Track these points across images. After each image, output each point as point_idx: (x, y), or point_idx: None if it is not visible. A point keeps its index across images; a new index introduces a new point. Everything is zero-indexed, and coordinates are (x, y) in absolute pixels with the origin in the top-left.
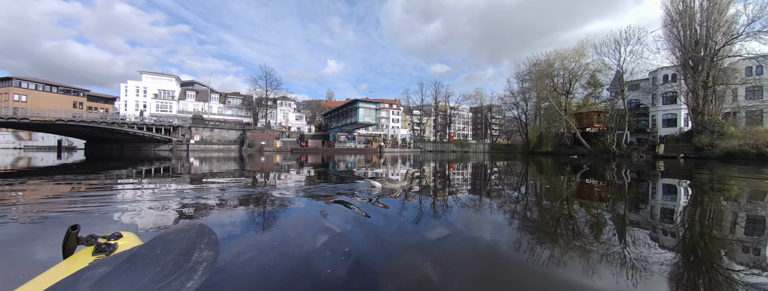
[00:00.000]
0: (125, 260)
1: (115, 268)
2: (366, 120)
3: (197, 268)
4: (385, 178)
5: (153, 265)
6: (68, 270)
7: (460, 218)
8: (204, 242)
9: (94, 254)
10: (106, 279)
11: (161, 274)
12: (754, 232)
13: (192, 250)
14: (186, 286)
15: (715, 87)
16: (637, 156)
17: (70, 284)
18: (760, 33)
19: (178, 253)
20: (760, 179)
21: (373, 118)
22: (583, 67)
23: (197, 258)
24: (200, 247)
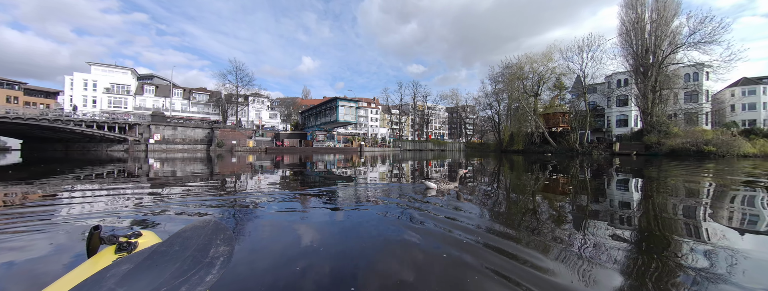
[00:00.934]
0: (146, 257)
1: (138, 265)
2: (346, 119)
3: (215, 262)
4: (439, 179)
5: (173, 261)
6: (93, 268)
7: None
8: (220, 238)
9: (117, 253)
10: (130, 275)
11: (181, 270)
12: (692, 217)
13: (209, 246)
14: (205, 280)
15: (661, 91)
16: (597, 153)
17: (96, 281)
18: (699, 43)
19: (196, 249)
20: (698, 174)
21: (353, 116)
22: (551, 71)
23: (214, 253)
24: (216, 243)
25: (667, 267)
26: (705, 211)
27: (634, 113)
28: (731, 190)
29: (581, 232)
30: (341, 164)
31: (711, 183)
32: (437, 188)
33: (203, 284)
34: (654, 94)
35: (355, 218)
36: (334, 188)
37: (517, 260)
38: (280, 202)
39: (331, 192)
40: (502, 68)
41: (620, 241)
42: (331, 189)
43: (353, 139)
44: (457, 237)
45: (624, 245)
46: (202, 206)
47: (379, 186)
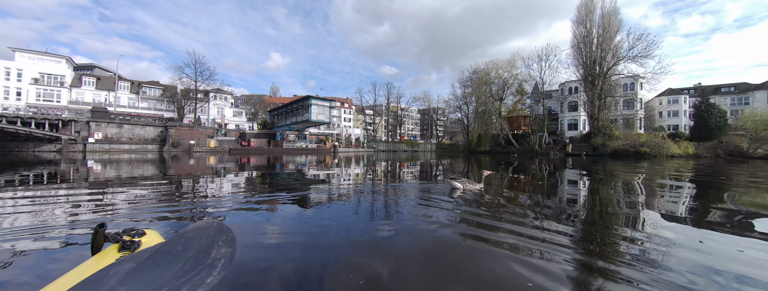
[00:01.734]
0: (149, 257)
1: (140, 264)
2: (319, 118)
3: (216, 264)
4: (465, 179)
5: (175, 261)
6: (97, 265)
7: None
8: (222, 240)
9: (120, 251)
10: (132, 274)
11: (182, 270)
12: (632, 208)
13: (211, 247)
14: (206, 281)
15: (606, 98)
16: (554, 154)
17: (99, 279)
18: (636, 57)
19: (198, 250)
20: (634, 172)
21: (326, 116)
22: (514, 77)
23: (216, 255)
24: (218, 244)
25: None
26: (642, 202)
27: (582, 118)
28: (660, 185)
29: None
30: (314, 165)
31: (646, 178)
32: (463, 188)
33: (204, 285)
34: (599, 101)
35: (338, 227)
36: (308, 193)
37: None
38: (245, 210)
39: (306, 196)
40: (470, 73)
41: (571, 231)
42: (305, 193)
43: (326, 139)
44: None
45: (576, 235)
46: (146, 218)
47: (361, 189)
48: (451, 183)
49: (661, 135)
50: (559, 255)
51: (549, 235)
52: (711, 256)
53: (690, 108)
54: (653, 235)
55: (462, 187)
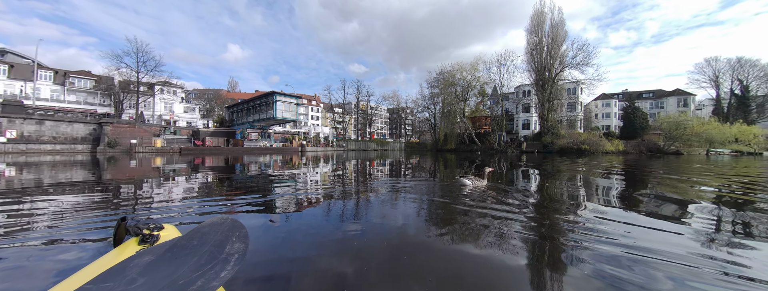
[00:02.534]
0: (167, 250)
1: (159, 256)
2: (285, 116)
3: (230, 259)
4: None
5: (191, 255)
6: (118, 257)
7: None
8: (235, 235)
9: (140, 244)
10: (152, 266)
11: (198, 264)
12: (576, 195)
13: (225, 243)
14: (220, 275)
15: (553, 101)
16: (511, 151)
17: (120, 270)
18: (578, 64)
19: (213, 245)
20: (576, 166)
21: (293, 113)
22: (476, 79)
23: (229, 250)
24: (232, 240)
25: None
26: (584, 191)
27: (534, 118)
28: (599, 176)
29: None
30: (280, 166)
31: (587, 171)
32: (472, 185)
33: (219, 279)
34: (549, 103)
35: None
36: (272, 196)
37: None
38: (197, 215)
39: (271, 201)
40: (437, 74)
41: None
42: (269, 197)
43: (293, 138)
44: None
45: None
46: (70, 234)
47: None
48: (460, 181)
49: (597, 134)
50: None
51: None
52: (633, 234)
53: (619, 111)
54: (592, 217)
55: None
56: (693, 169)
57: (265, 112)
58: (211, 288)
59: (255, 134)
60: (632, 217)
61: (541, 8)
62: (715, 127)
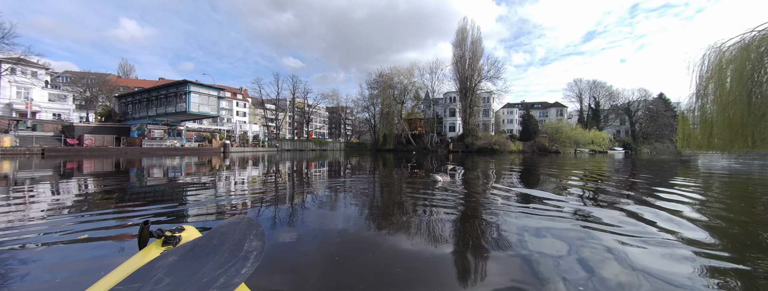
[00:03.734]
0: (189, 250)
1: (182, 256)
2: (203, 110)
3: (249, 256)
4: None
5: (212, 254)
6: (144, 259)
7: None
8: (253, 233)
9: (163, 245)
10: (176, 266)
11: (220, 262)
12: (496, 183)
13: (243, 241)
14: (241, 272)
15: (473, 107)
16: (441, 151)
17: (147, 271)
18: (492, 77)
19: (232, 244)
20: (491, 162)
21: (213, 108)
22: (412, 84)
23: (248, 247)
24: (250, 238)
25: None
26: (493, 180)
27: (458, 122)
28: (507, 170)
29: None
30: (194, 170)
31: (498, 165)
32: (442, 180)
33: (240, 276)
34: (470, 109)
35: None
36: (181, 207)
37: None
38: (64, 244)
39: (181, 211)
40: (377, 76)
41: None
42: (180, 209)
43: (212, 136)
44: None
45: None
46: None
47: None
48: (433, 177)
49: (505, 136)
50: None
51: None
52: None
53: (519, 117)
54: (503, 196)
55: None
56: (567, 163)
57: (175, 105)
58: (234, 284)
59: (159, 131)
60: (534, 193)
61: (464, 25)
62: (580, 132)
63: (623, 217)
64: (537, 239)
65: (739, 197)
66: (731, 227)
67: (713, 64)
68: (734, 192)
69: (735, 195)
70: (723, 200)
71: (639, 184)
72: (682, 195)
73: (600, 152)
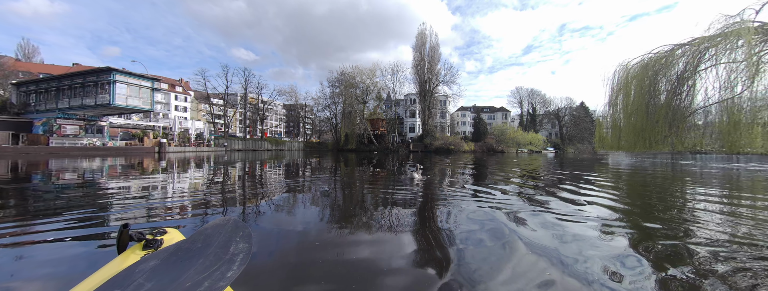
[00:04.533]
0: (171, 253)
1: (164, 260)
2: (132, 103)
3: (235, 259)
4: (416, 170)
5: (196, 257)
6: (123, 264)
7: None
8: (239, 235)
9: (144, 249)
10: (157, 270)
11: (204, 265)
12: (451, 178)
13: (229, 243)
14: (226, 275)
15: (432, 109)
16: (402, 151)
17: (127, 276)
18: (448, 82)
19: (217, 246)
20: (448, 161)
21: (145, 101)
22: (374, 84)
23: (234, 250)
24: (236, 240)
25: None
26: (455, 176)
27: (418, 123)
28: (462, 167)
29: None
30: (121, 174)
31: (454, 164)
32: (418, 176)
33: (225, 279)
34: (428, 111)
35: None
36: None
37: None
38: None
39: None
40: (338, 74)
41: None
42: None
43: (144, 134)
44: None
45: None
46: None
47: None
48: (412, 174)
49: (459, 137)
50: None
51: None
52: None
53: (471, 120)
54: (458, 189)
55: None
56: (510, 161)
57: (95, 96)
58: (218, 288)
59: (73, 128)
60: (483, 185)
61: (424, 30)
62: (521, 134)
63: (558, 201)
64: (494, 217)
65: (637, 184)
66: (632, 206)
67: (621, 79)
68: (633, 181)
69: (634, 183)
70: (624, 187)
71: (567, 177)
72: (597, 185)
73: (536, 152)
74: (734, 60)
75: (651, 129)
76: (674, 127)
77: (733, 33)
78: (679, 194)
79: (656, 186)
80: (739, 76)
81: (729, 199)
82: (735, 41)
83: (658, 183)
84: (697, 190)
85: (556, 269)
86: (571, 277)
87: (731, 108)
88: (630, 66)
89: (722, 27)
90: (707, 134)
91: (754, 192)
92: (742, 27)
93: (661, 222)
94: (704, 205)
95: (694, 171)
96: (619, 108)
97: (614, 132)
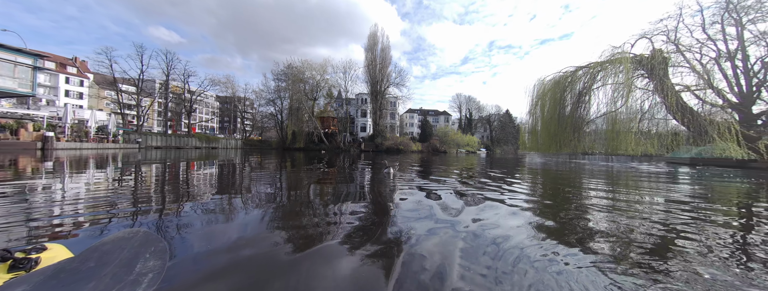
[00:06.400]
0: (50, 276)
1: (37, 286)
2: (3, 85)
3: (141, 280)
4: (392, 167)
5: (86, 279)
6: None
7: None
8: (150, 251)
9: (10, 271)
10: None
11: (96, 290)
12: (406, 176)
13: (135, 261)
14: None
15: (383, 110)
16: (353, 150)
17: None
18: (398, 84)
19: (118, 265)
20: (396, 159)
21: (23, 82)
22: (325, 81)
23: (141, 269)
24: (145, 256)
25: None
26: (397, 175)
27: (369, 122)
28: (409, 164)
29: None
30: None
31: (402, 162)
32: (393, 172)
33: None
34: (379, 111)
35: None
36: None
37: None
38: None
39: None
40: (285, 67)
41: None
42: None
43: (19, 125)
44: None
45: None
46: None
47: None
48: (386, 170)
49: (408, 138)
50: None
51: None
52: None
53: (418, 122)
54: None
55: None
56: (451, 161)
57: None
58: None
59: None
60: (427, 182)
61: (375, 31)
62: (460, 136)
63: (493, 193)
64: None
65: (548, 178)
66: (544, 195)
67: (539, 92)
68: (546, 176)
69: (546, 177)
70: (538, 181)
71: (497, 173)
72: (519, 180)
73: (472, 152)
74: (617, 82)
75: (562, 134)
76: (576, 133)
77: (616, 60)
78: (578, 183)
79: (561, 177)
80: (619, 94)
81: (609, 186)
82: (618, 67)
83: (563, 175)
84: (591, 180)
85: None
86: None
87: (613, 119)
88: (545, 81)
89: (610, 55)
90: (598, 139)
91: (627, 180)
92: (622, 56)
93: (562, 202)
94: (595, 193)
95: (587, 168)
96: (538, 116)
97: (533, 136)
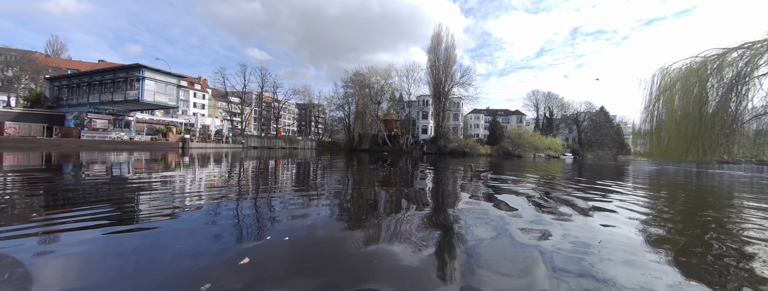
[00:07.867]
0: None
1: None
2: (159, 100)
3: None
4: (479, 172)
5: None
6: None
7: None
8: (2, 279)
9: None
10: None
11: None
12: (463, 181)
13: None
14: None
15: (446, 111)
16: (416, 152)
17: None
18: (464, 84)
19: None
20: (463, 164)
21: (172, 97)
22: (389, 85)
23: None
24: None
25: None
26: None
27: (431, 124)
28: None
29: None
30: (147, 167)
31: (469, 167)
32: (488, 175)
33: None
34: (443, 113)
35: None
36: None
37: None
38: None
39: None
40: (353, 74)
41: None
42: (128, 211)
43: (167, 130)
44: None
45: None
46: None
47: None
48: (481, 175)
49: (475, 140)
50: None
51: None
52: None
53: (485, 123)
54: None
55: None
56: (527, 166)
57: (125, 92)
58: None
59: (103, 122)
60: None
61: (439, 32)
62: (539, 138)
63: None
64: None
65: (669, 191)
66: (671, 215)
67: (662, 83)
68: (670, 189)
69: (671, 190)
70: (659, 196)
71: (608, 184)
72: (629, 193)
73: (554, 157)
74: None
75: (705, 136)
76: (732, 135)
77: None
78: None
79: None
80: None
81: None
82: None
83: (713, 191)
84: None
85: None
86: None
87: None
88: (671, 70)
89: None
90: (765, 143)
91: None
92: None
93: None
94: None
95: (744, 181)
96: (662, 113)
97: (654, 138)
